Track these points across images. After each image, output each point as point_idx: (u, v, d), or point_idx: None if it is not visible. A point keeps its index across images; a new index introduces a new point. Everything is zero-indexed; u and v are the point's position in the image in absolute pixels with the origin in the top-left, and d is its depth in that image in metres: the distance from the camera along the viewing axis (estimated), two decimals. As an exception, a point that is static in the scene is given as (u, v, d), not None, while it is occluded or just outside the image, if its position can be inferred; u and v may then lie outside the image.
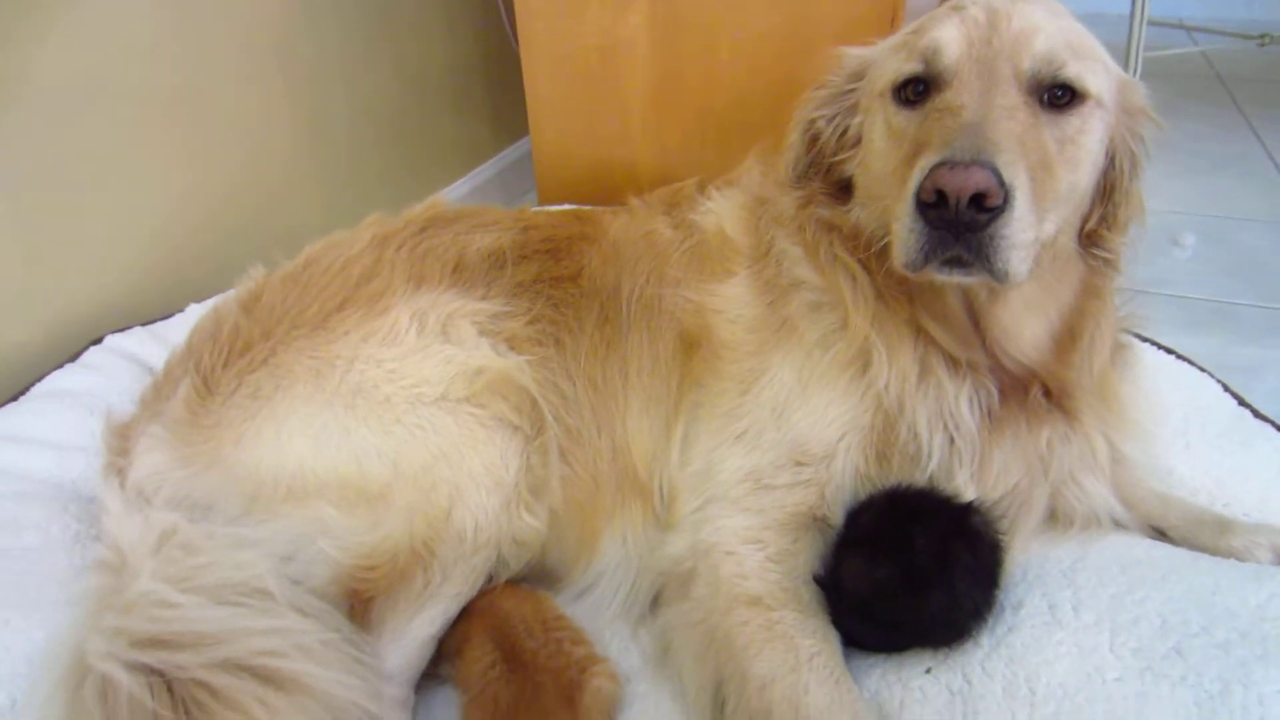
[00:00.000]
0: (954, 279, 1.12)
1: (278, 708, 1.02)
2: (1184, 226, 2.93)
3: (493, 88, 3.20)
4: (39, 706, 1.01)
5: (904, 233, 1.09)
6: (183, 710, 0.97)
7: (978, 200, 1.02)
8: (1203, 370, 1.74)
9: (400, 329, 1.37)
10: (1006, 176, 1.02)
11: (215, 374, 1.36)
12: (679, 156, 2.49)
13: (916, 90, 1.19)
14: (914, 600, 1.11)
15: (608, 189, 2.41)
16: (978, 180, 1.01)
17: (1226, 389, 1.69)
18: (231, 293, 1.50)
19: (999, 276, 1.06)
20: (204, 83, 2.06)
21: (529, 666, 1.19)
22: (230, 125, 2.15)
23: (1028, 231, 1.06)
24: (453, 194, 3.03)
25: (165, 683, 0.99)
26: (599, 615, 1.38)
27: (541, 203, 2.70)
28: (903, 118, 1.20)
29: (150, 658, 1.00)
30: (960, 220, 1.03)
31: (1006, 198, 1.02)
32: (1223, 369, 1.78)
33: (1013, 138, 1.07)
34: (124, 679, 0.97)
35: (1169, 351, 1.79)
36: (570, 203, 2.35)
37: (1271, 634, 1.05)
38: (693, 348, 1.42)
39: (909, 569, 1.12)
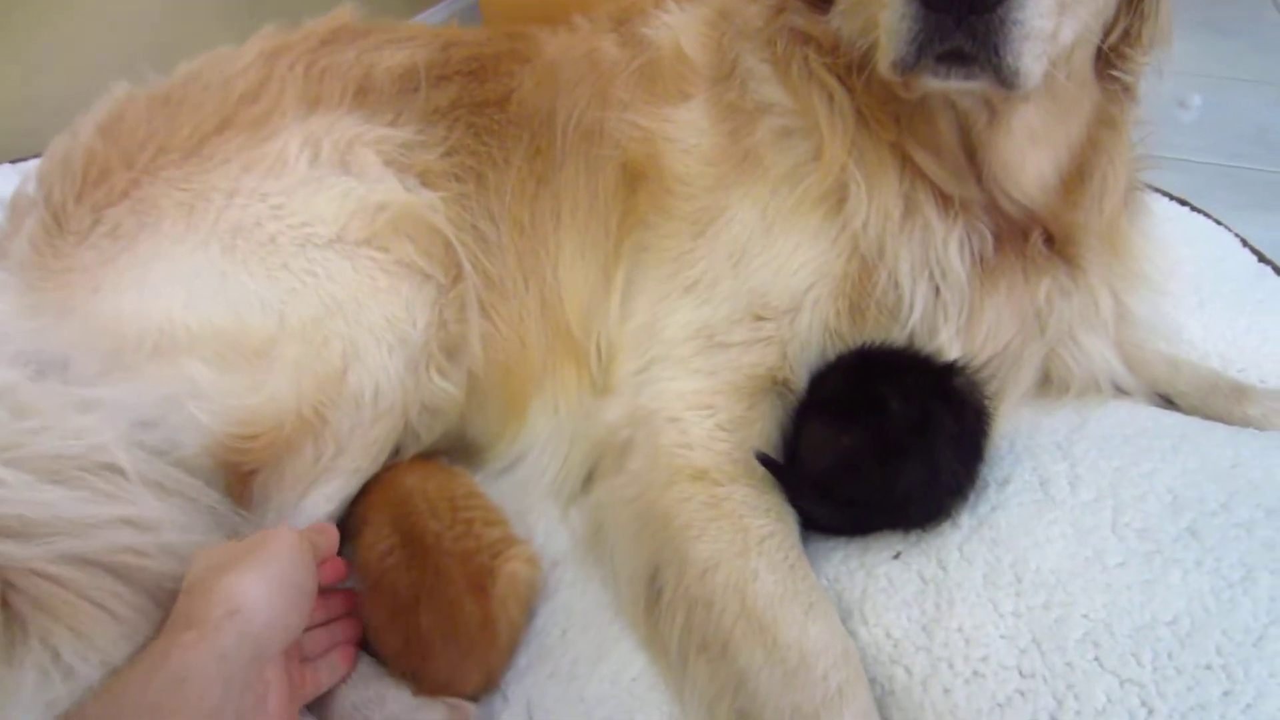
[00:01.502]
0: (951, 82, 0.93)
1: (142, 608, 0.88)
2: (1190, 88, 2.72)
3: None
4: None
5: (894, 22, 0.89)
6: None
7: None
8: (1219, 223, 1.56)
9: (289, 157, 1.17)
10: None
11: (67, 209, 1.15)
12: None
13: None
14: (885, 473, 0.94)
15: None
16: None
17: (1245, 244, 1.52)
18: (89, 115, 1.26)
19: (1007, 77, 0.88)
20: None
21: (432, 551, 1.02)
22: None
23: (1045, 20, 0.87)
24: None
25: None
26: (526, 494, 1.22)
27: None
28: None
29: None
30: None
31: None
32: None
33: None
34: None
35: (1182, 202, 1.60)
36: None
37: (1300, 512, 0.89)
38: (638, 182, 1.22)
39: (880, 437, 0.94)
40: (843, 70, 1.08)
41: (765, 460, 0.99)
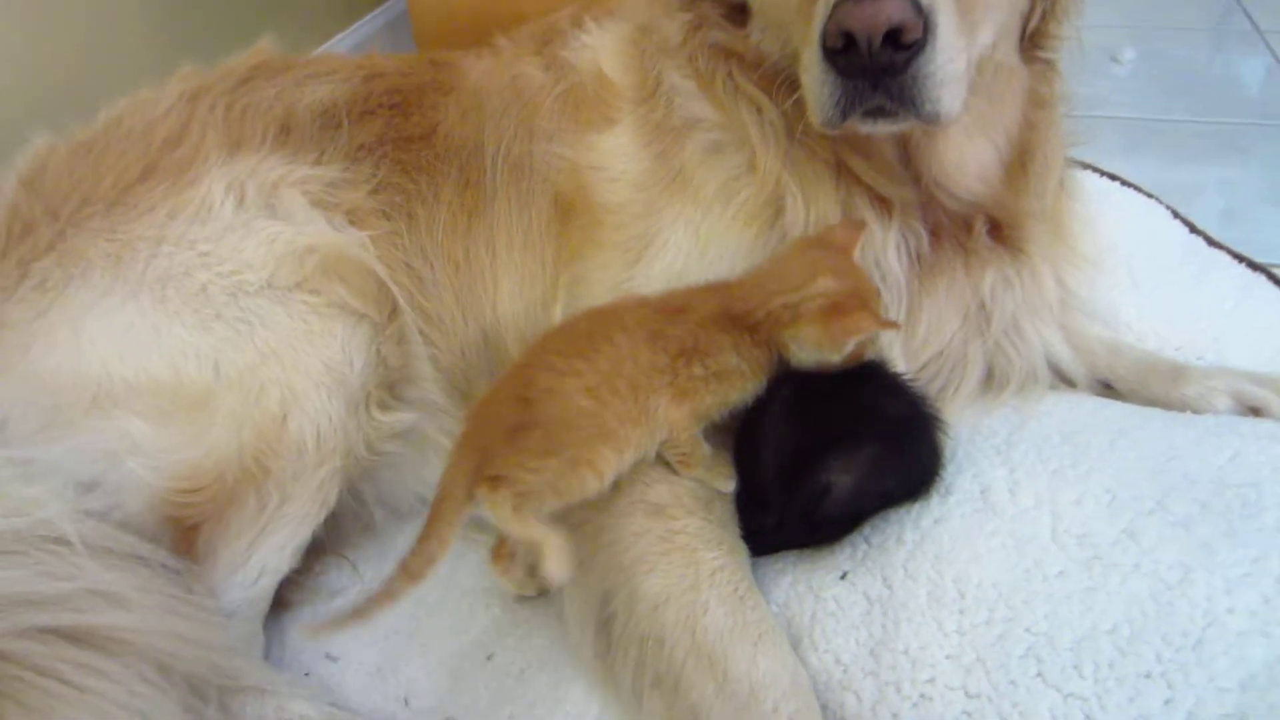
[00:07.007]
0: (880, 129, 0.96)
1: (105, 670, 0.88)
2: (1123, 41, 2.76)
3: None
4: None
5: (815, 87, 0.92)
6: None
7: (893, 37, 0.84)
8: (1150, 196, 1.57)
9: (213, 202, 1.16)
10: (924, 1, 0.85)
11: (-8, 265, 1.14)
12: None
13: None
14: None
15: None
16: (889, 13, 0.84)
17: (1176, 215, 1.53)
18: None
19: (929, 119, 0.91)
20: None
21: None
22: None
23: (957, 61, 0.89)
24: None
25: None
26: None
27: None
28: None
29: None
30: (876, 65, 0.86)
31: (927, 28, 0.85)
32: (1161, 191, 1.62)
33: None
34: None
35: (1112, 177, 1.61)
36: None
37: (1236, 504, 0.91)
38: (569, 215, 1.21)
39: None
40: (769, 84, 1.07)
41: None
